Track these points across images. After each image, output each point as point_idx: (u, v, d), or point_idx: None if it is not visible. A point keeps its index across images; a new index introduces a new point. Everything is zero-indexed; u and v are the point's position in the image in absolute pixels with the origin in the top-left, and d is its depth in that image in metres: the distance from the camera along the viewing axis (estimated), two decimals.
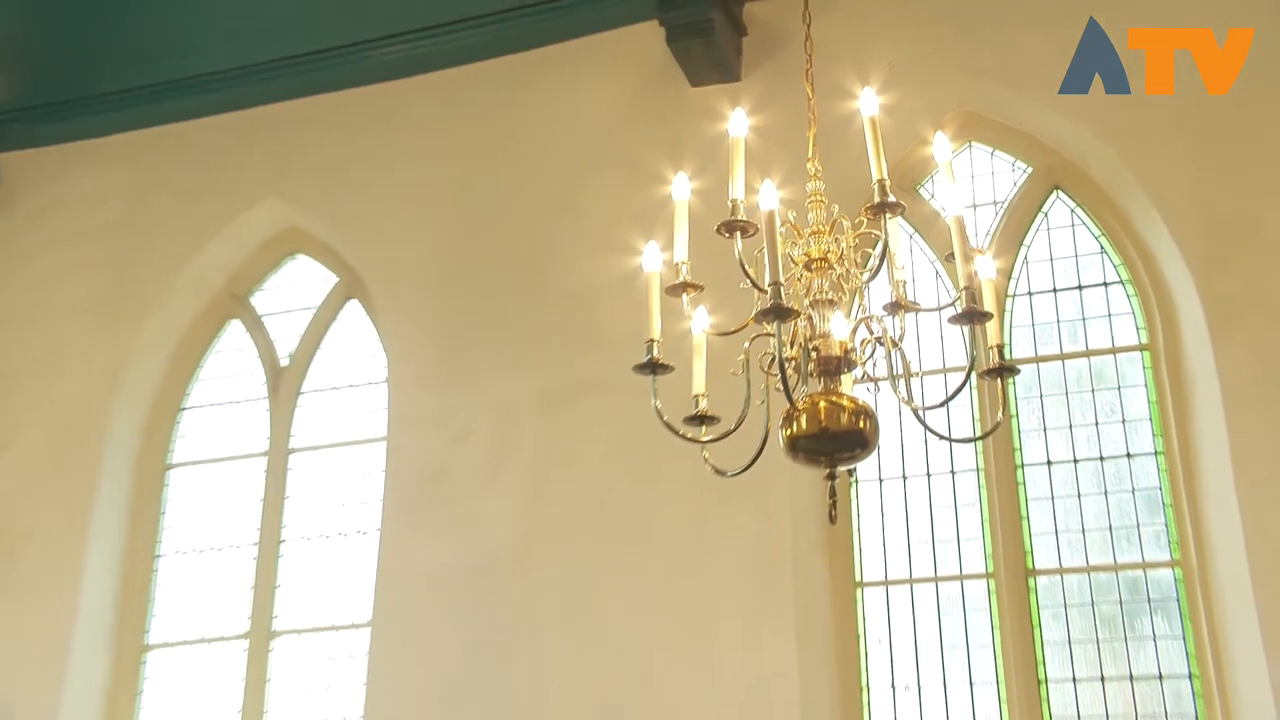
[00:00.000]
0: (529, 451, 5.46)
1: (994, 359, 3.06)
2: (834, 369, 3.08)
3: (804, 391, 3.06)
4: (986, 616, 4.98)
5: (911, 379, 3.12)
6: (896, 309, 3.10)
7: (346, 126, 6.29)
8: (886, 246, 3.11)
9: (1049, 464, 5.11)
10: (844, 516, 5.14)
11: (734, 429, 3.17)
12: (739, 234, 3.05)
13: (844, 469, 3.11)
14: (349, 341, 6.23)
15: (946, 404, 3.20)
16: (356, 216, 6.18)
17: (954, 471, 5.18)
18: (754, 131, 3.23)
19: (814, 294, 3.17)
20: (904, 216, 3.93)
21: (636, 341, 3.21)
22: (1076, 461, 5.09)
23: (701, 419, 3.23)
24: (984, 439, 5.01)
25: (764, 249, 2.86)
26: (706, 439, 3.22)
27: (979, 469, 5.16)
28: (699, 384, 3.25)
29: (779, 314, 2.76)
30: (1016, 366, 3.17)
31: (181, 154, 6.53)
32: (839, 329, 3.10)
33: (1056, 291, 5.34)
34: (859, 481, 5.20)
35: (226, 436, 6.24)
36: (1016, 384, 5.13)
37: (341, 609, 5.73)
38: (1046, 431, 5.15)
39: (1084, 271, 5.33)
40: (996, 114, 5.53)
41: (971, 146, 5.59)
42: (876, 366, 3.15)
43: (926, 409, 3.13)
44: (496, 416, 5.55)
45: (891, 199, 2.98)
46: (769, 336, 2.98)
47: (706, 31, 5.46)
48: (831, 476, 3.08)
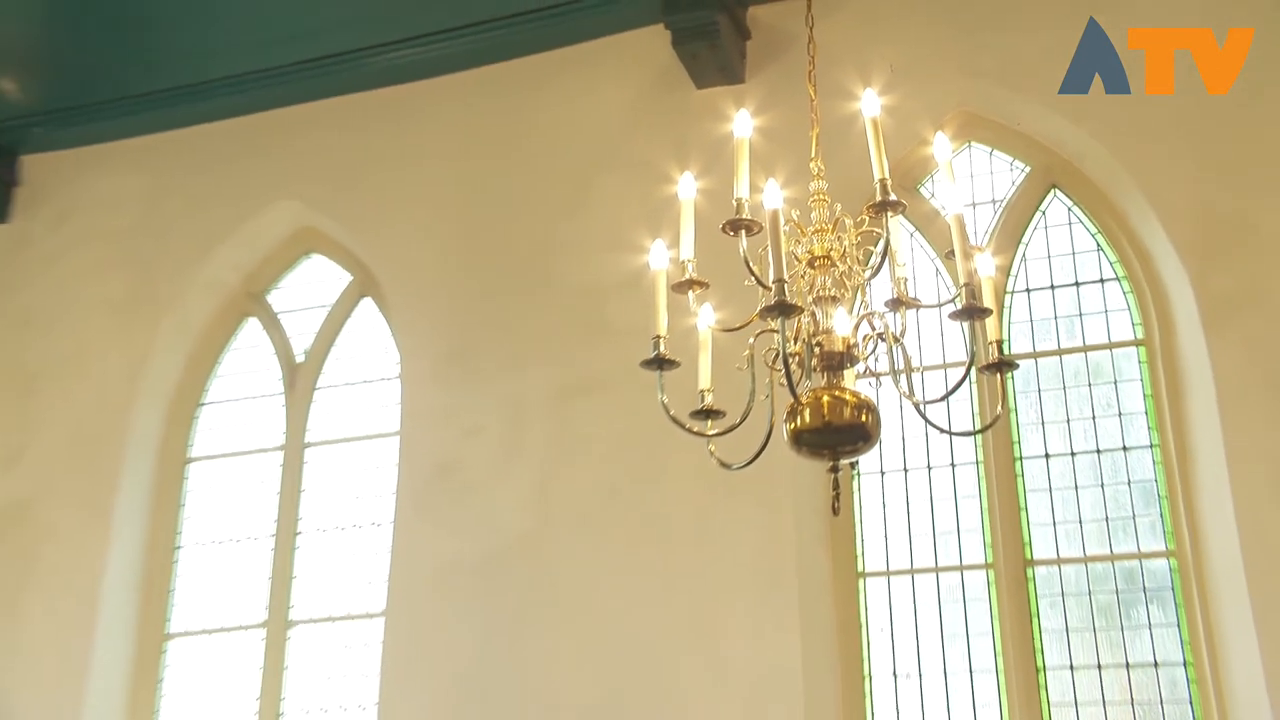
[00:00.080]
0: (539, 445, 5.47)
1: (993, 354, 3.07)
2: (837, 364, 3.08)
3: (807, 386, 3.06)
4: (986, 606, 4.98)
5: (912, 374, 3.12)
6: (898, 305, 3.09)
7: (359, 129, 6.29)
8: (888, 244, 3.11)
9: (1047, 457, 5.11)
10: (846, 508, 5.15)
11: (739, 423, 3.17)
12: (744, 232, 3.04)
13: (846, 462, 3.11)
14: (363, 338, 6.24)
15: (947, 398, 3.19)
16: (370, 216, 6.19)
17: (954, 464, 5.18)
18: (758, 132, 3.22)
19: (817, 291, 3.17)
20: (905, 215, 3.93)
21: (644, 338, 3.22)
22: (1074, 454, 5.09)
23: (707, 413, 3.23)
24: (983, 432, 5.03)
25: (768, 247, 2.86)
26: (712, 433, 3.23)
27: (978, 462, 5.16)
28: (705, 379, 3.26)
29: (783, 310, 2.77)
30: (1015, 362, 3.18)
31: (198, 156, 6.53)
32: (842, 325, 3.10)
33: (1054, 288, 5.33)
34: (861, 474, 5.21)
35: (244, 431, 6.26)
36: (1015, 379, 5.14)
37: (356, 599, 5.74)
38: (1044, 425, 5.15)
39: (1081, 269, 5.32)
40: (995, 114, 5.52)
41: (971, 146, 5.58)
42: (878, 362, 3.15)
43: (927, 403, 3.14)
44: (507, 411, 5.56)
45: (893, 198, 2.98)
46: (773, 332, 2.99)
47: (711, 35, 5.46)
48: (834, 469, 3.09)
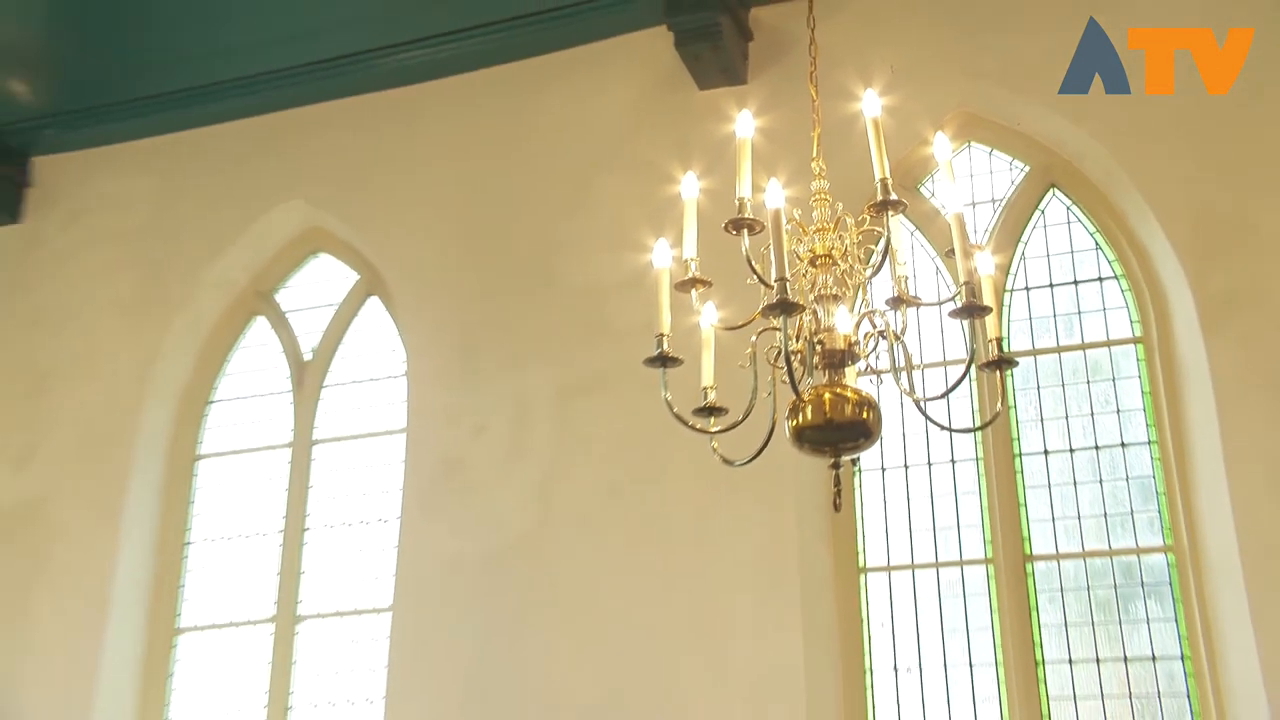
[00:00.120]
0: (543, 443, 5.47)
1: (993, 352, 3.07)
2: (838, 362, 3.08)
3: (809, 384, 3.05)
4: (986, 600, 4.98)
5: (913, 371, 3.12)
6: (898, 304, 3.09)
7: (366, 130, 6.29)
8: (889, 243, 3.11)
9: (1046, 453, 5.11)
10: (848, 504, 5.14)
11: (742, 420, 3.17)
12: (746, 231, 3.04)
13: (848, 458, 3.11)
14: (370, 337, 6.24)
15: (947, 395, 3.19)
16: (376, 216, 6.19)
17: (954, 461, 5.18)
18: (760, 133, 3.22)
19: (819, 289, 3.17)
20: (905, 214, 3.92)
21: (647, 336, 3.22)
22: (1072, 451, 5.08)
23: (710, 410, 3.23)
24: (983, 429, 5.03)
25: (770, 246, 2.86)
26: (715, 430, 3.23)
27: (978, 458, 5.15)
28: (708, 377, 3.26)
29: (785, 309, 2.77)
30: (1014, 359, 3.18)
31: (207, 158, 6.53)
32: (843, 323, 3.10)
33: (1053, 286, 5.33)
34: (862, 470, 5.20)
35: (252, 429, 6.26)
36: (1014, 376, 5.13)
37: (363, 594, 5.75)
38: (1043, 422, 5.15)
39: (1079, 267, 5.32)
40: (995, 115, 5.51)
41: (971, 146, 5.58)
42: (879, 359, 3.15)
43: (928, 400, 3.14)
44: (512, 409, 5.56)
45: (893, 197, 2.98)
46: (775, 330, 2.99)
47: (714, 36, 5.45)
48: (836, 466, 3.08)
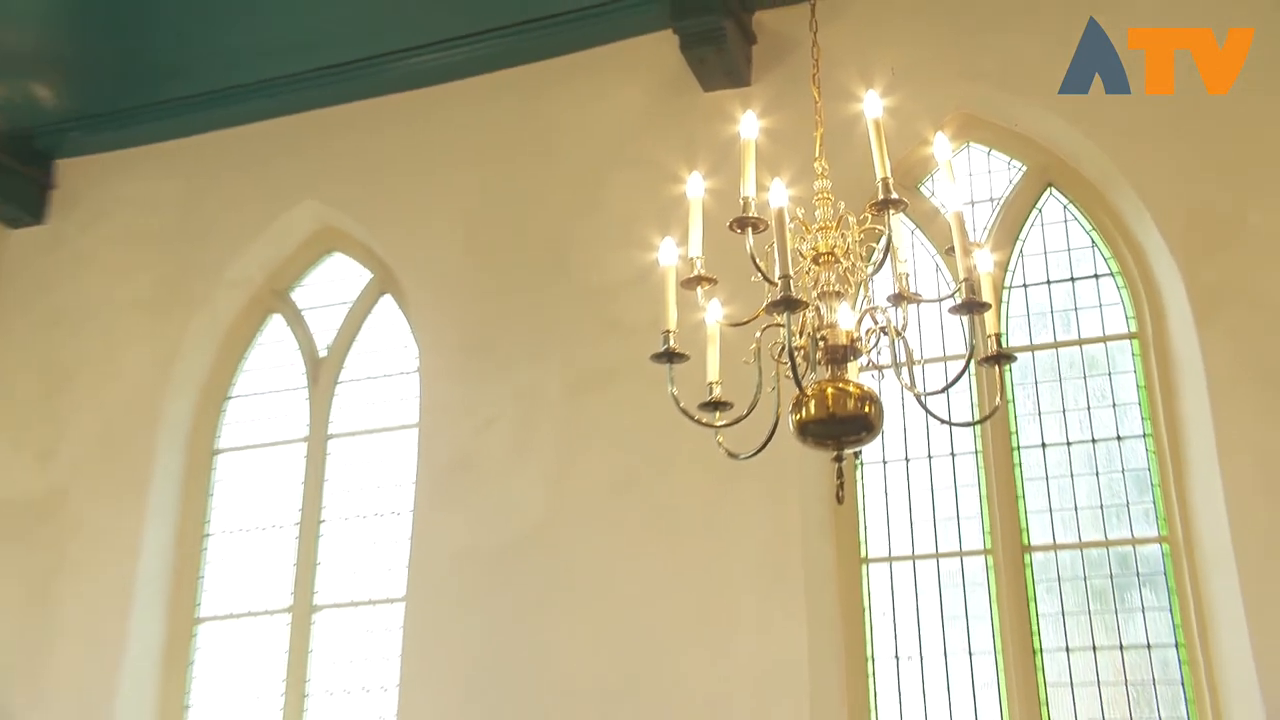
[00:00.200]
0: (552, 437, 5.47)
1: (992, 347, 3.05)
2: (841, 357, 3.07)
3: (812, 379, 3.04)
4: (985, 590, 4.98)
5: (914, 366, 3.11)
6: (899, 300, 3.08)
7: (380, 132, 6.29)
8: (890, 241, 3.10)
9: (1044, 446, 5.10)
10: (850, 496, 5.13)
11: (746, 414, 3.17)
12: (750, 230, 3.04)
13: (850, 451, 3.10)
14: (383, 334, 6.24)
15: (947, 390, 3.18)
16: (390, 216, 6.19)
17: (954, 454, 5.17)
18: (764, 133, 3.21)
19: (821, 286, 3.16)
20: (906, 213, 3.91)
21: (654, 332, 3.21)
22: (1069, 444, 5.08)
23: (715, 405, 3.23)
24: (982, 423, 5.01)
25: (774, 244, 2.85)
26: (720, 424, 3.22)
27: (978, 451, 5.15)
28: (713, 372, 3.25)
29: (788, 305, 2.77)
30: (1013, 354, 3.16)
31: (225, 159, 6.54)
32: (845, 319, 3.09)
33: (1050, 283, 5.32)
34: (864, 463, 5.19)
35: (269, 423, 6.27)
36: (1013, 371, 5.13)
37: (378, 585, 5.75)
38: (1041, 415, 5.14)
39: (1076, 264, 5.31)
40: (993, 116, 5.50)
41: (970, 146, 5.56)
42: (881, 355, 3.14)
43: (928, 395, 3.13)
44: (522, 404, 5.56)
45: (894, 196, 2.97)
46: (779, 327, 2.99)
47: (718, 40, 5.44)
48: (838, 459, 3.07)
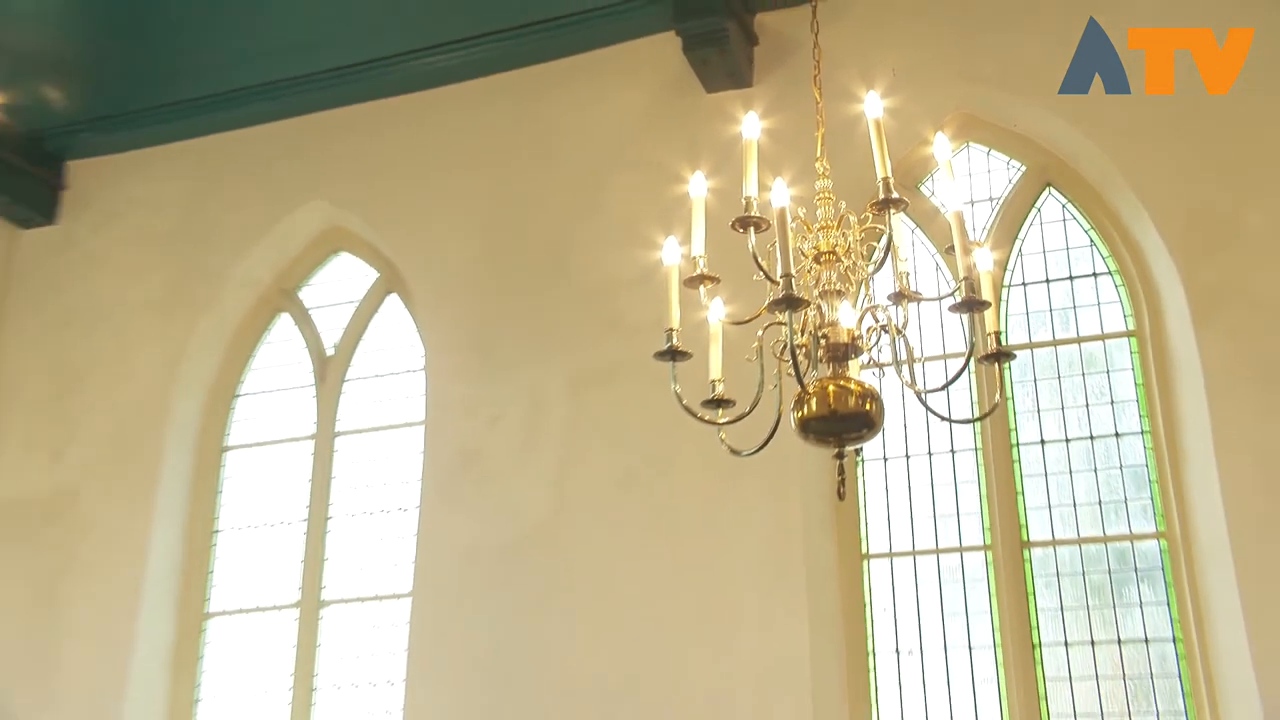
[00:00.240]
0: (557, 434, 5.47)
1: (991, 345, 3.05)
2: (842, 355, 3.07)
3: (814, 376, 3.05)
4: (984, 586, 4.97)
5: (914, 364, 3.12)
6: (900, 298, 3.08)
7: (386, 133, 6.29)
8: (890, 240, 3.10)
9: (1042, 443, 5.09)
10: (851, 493, 5.13)
11: (749, 411, 3.18)
12: (752, 229, 3.05)
13: (851, 448, 3.10)
14: (389, 333, 6.24)
15: (947, 387, 3.18)
16: (396, 216, 6.19)
17: (954, 450, 5.17)
18: (766, 134, 3.21)
19: (823, 285, 3.16)
20: (907, 212, 3.89)
21: (657, 330, 3.22)
22: (1068, 441, 5.07)
23: (718, 402, 3.23)
24: (982, 420, 5.01)
25: (776, 243, 2.86)
26: (723, 421, 3.22)
27: (977, 448, 5.14)
28: (716, 370, 3.26)
29: (790, 304, 2.78)
30: (1012, 352, 3.15)
31: (233, 160, 6.54)
32: (846, 318, 3.09)
33: (1049, 282, 5.31)
34: (865, 460, 5.20)
35: (277, 421, 6.27)
36: (1012, 368, 5.12)
37: (384, 580, 5.76)
38: (1040, 413, 5.14)
39: (1075, 263, 5.30)
40: (992, 116, 5.49)
41: (969, 146, 5.55)
42: (881, 352, 3.14)
43: (928, 392, 3.12)
44: (527, 402, 5.56)
45: (895, 196, 2.97)
46: (781, 325, 2.99)
47: (721, 41, 5.44)
48: (840, 455, 3.08)
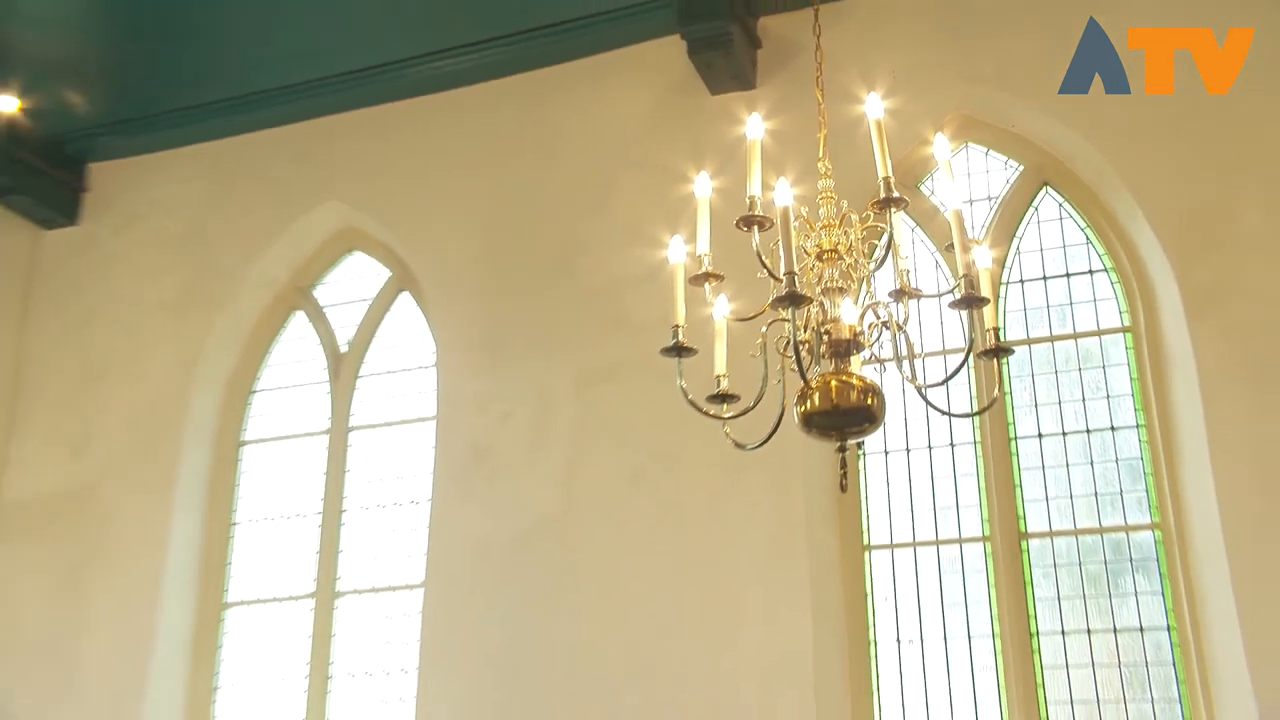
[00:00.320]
0: (565, 429, 5.47)
1: (990, 341, 3.05)
2: (844, 351, 3.07)
3: (817, 371, 3.05)
4: (983, 576, 4.97)
5: (914, 359, 3.11)
6: (901, 295, 3.07)
7: (398, 135, 6.29)
8: (891, 238, 3.09)
9: (1040, 436, 5.09)
10: (853, 486, 5.13)
11: (753, 406, 3.18)
12: (756, 228, 3.05)
13: (853, 442, 3.10)
14: (402, 330, 6.25)
15: (946, 382, 3.18)
16: (408, 216, 6.19)
17: (953, 444, 5.17)
18: (769, 135, 3.21)
19: (825, 282, 3.16)
20: (907, 211, 3.88)
21: (663, 327, 3.22)
22: (1065, 434, 5.07)
23: (723, 398, 3.23)
24: (981, 414, 5.03)
25: (779, 242, 2.86)
26: (727, 416, 3.23)
27: (976, 441, 5.14)
28: (720, 366, 3.26)
29: (793, 301, 2.78)
30: (1010, 348, 3.15)
31: (250, 163, 6.55)
32: (848, 314, 3.09)
33: (1046, 279, 5.31)
34: (867, 454, 5.19)
35: (293, 417, 6.28)
36: (1010, 364, 5.12)
37: (398, 571, 5.77)
38: (1038, 407, 5.13)
39: (1071, 261, 5.30)
40: (991, 117, 5.49)
41: (968, 147, 5.55)
42: (883, 348, 3.15)
43: (928, 387, 3.12)
44: (536, 398, 5.56)
45: (895, 195, 2.97)
46: (784, 321, 2.99)
47: (725, 44, 5.43)
48: (842, 449, 3.08)
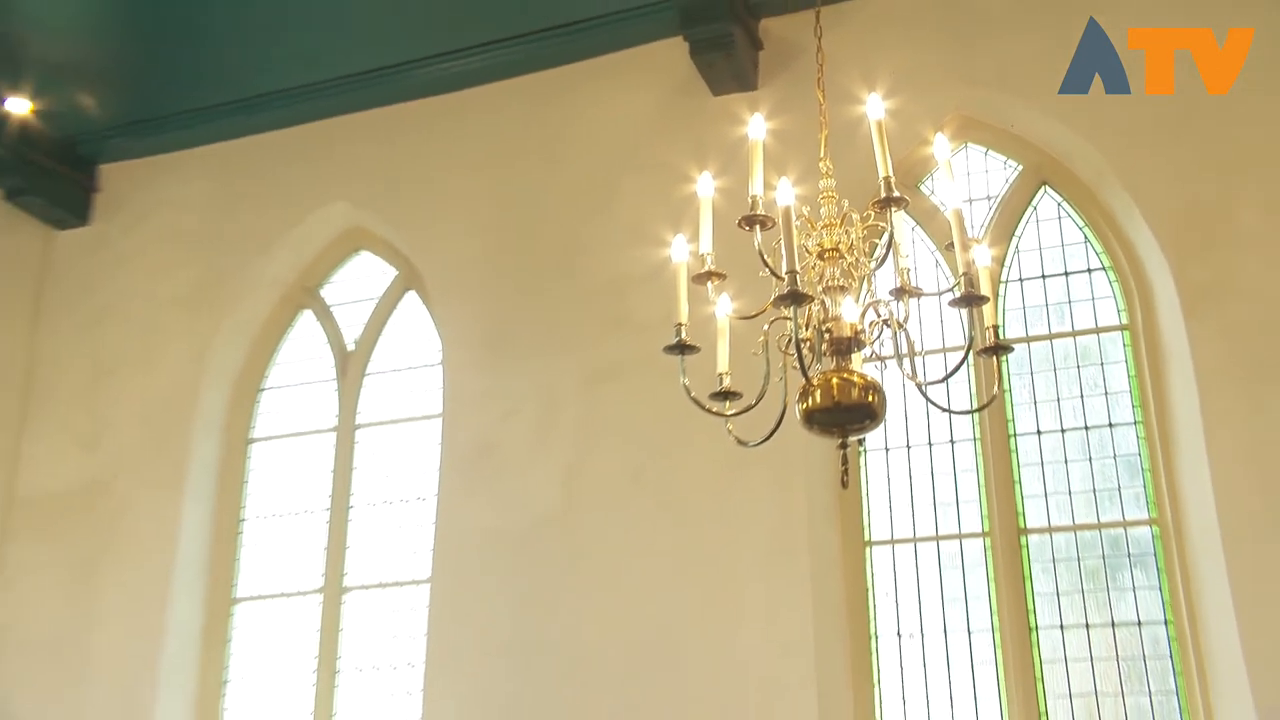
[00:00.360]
0: (569, 426, 5.47)
1: (989, 339, 3.05)
2: (845, 348, 3.07)
3: (818, 369, 3.05)
4: (983, 571, 4.97)
5: (915, 357, 3.11)
6: (901, 294, 3.07)
7: (404, 136, 6.29)
8: (892, 237, 3.09)
9: (1039, 433, 5.09)
10: (854, 482, 5.12)
11: (755, 404, 3.17)
12: (758, 227, 3.05)
13: (854, 439, 3.10)
14: (408, 328, 6.25)
15: (947, 380, 3.19)
16: (414, 216, 6.19)
17: (953, 441, 5.17)
18: (771, 135, 3.21)
19: (826, 281, 3.16)
20: (907, 210, 3.86)
21: (666, 326, 3.22)
22: (1063, 431, 5.06)
23: (725, 395, 3.23)
24: (980, 411, 5.01)
25: (781, 241, 2.86)
26: (730, 413, 3.23)
27: (976, 438, 5.14)
28: (723, 363, 3.26)
29: (795, 299, 2.78)
30: (1010, 345, 3.16)
31: (258, 163, 6.55)
32: (849, 312, 3.09)
33: (1045, 278, 5.30)
34: (868, 450, 5.18)
35: (301, 414, 6.28)
36: (1009, 361, 5.11)
37: (404, 567, 5.77)
38: (1036, 404, 5.13)
39: (1069, 259, 5.29)
40: (990, 117, 5.48)
41: (968, 147, 5.54)
42: (883, 346, 3.15)
43: (929, 384, 3.12)
44: (540, 395, 5.56)
45: (896, 194, 2.98)
46: (786, 320, 2.99)
47: (727, 46, 5.43)
48: (843, 446, 3.07)
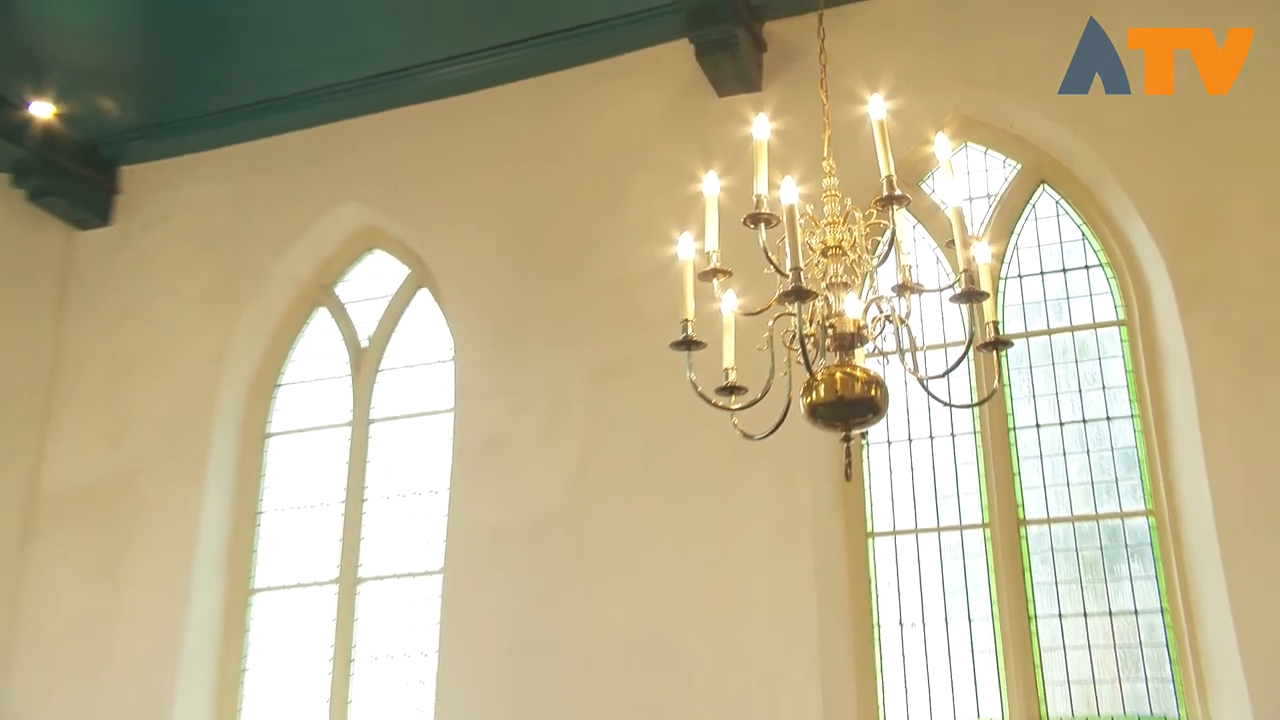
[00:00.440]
0: (578, 421, 5.47)
1: (990, 334, 3.05)
2: (848, 344, 3.08)
3: (822, 364, 3.05)
4: (983, 561, 4.97)
5: (916, 352, 3.11)
6: (903, 290, 3.08)
7: (416, 137, 6.29)
8: (894, 235, 3.09)
9: (1038, 426, 5.08)
10: (857, 474, 5.13)
11: (760, 398, 3.18)
12: (763, 225, 3.05)
13: (857, 432, 3.10)
14: (420, 325, 6.25)
15: (947, 374, 3.17)
16: (426, 216, 6.20)
17: (954, 434, 5.16)
18: (775, 135, 3.21)
19: (830, 278, 3.16)
20: (909, 209, 3.86)
21: (673, 322, 3.22)
22: (1062, 424, 5.06)
23: (731, 389, 3.23)
24: (981, 405, 5.01)
25: (785, 238, 2.86)
26: (736, 407, 3.23)
27: (976, 431, 5.13)
28: (728, 358, 3.26)
29: (799, 296, 2.78)
30: (1009, 341, 3.16)
31: (274, 164, 6.55)
32: (852, 308, 3.09)
33: (1043, 274, 5.29)
34: (870, 443, 5.19)
35: (316, 409, 6.29)
36: (1009, 356, 5.10)
37: (417, 558, 5.78)
38: (1035, 398, 5.12)
39: (1068, 256, 5.28)
40: (990, 117, 5.47)
41: (968, 146, 5.53)
42: (886, 341, 3.15)
43: (930, 378, 3.12)
44: (550, 390, 5.56)
45: (898, 193, 2.97)
46: (790, 316, 3.00)
47: (732, 47, 5.42)
48: (846, 439, 3.08)
